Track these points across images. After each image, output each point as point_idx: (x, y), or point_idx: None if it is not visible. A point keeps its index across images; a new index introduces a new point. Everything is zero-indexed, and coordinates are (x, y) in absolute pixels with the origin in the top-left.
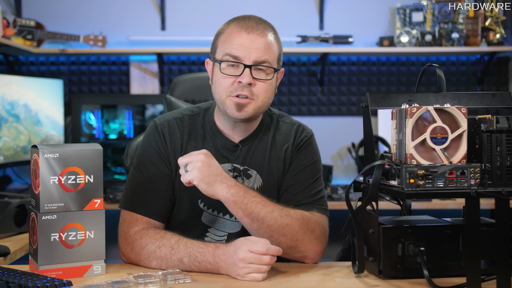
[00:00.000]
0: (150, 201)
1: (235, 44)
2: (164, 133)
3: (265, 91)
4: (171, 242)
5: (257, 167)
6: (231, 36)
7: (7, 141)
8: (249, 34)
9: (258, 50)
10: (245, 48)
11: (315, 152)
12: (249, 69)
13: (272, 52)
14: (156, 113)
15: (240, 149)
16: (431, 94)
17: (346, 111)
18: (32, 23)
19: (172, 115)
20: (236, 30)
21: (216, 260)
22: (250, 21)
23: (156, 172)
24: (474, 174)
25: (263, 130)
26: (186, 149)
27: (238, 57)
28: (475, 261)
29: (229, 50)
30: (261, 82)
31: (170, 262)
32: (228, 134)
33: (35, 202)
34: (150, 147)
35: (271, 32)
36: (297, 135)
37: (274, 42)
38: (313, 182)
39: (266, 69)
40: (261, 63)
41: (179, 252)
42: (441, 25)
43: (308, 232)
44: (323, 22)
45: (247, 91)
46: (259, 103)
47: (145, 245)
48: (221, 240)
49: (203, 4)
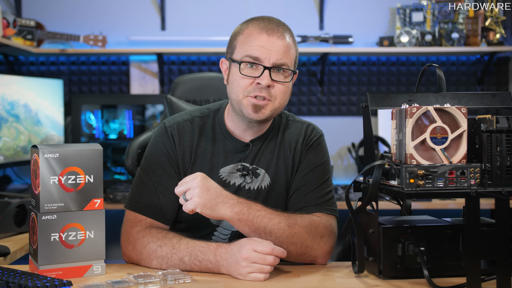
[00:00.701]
0: (155, 204)
1: (255, 45)
2: (174, 135)
3: (282, 93)
4: (173, 241)
5: (266, 166)
6: (251, 37)
7: (7, 141)
8: (269, 36)
9: (278, 52)
10: (265, 49)
11: (325, 153)
12: (268, 71)
13: (291, 54)
14: (156, 113)
15: (251, 149)
16: (431, 94)
17: (346, 111)
18: (32, 23)
19: (181, 117)
20: (256, 31)
21: (217, 258)
22: (271, 23)
23: (163, 175)
24: (474, 174)
25: (274, 130)
26: (197, 151)
27: (258, 58)
28: (475, 261)
29: (249, 51)
30: (279, 84)
31: (171, 261)
32: (239, 135)
33: (35, 202)
34: (158, 149)
35: (290, 34)
36: (307, 134)
37: (292, 45)
38: (323, 183)
39: (285, 71)
40: (280, 66)
41: (180, 251)
42: (441, 25)
43: (317, 238)
44: (323, 22)
45: (265, 92)
46: (276, 105)
47: (146, 244)
48: (225, 239)
49: (203, 4)
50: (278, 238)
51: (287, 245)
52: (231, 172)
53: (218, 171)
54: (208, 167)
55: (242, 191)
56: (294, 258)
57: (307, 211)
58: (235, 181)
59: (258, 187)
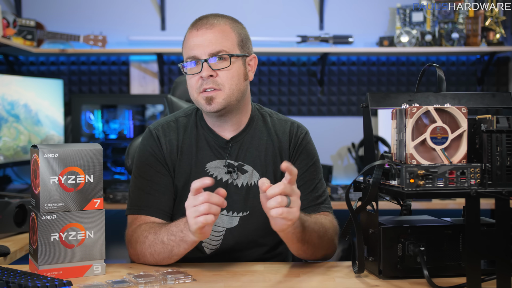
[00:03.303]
0: (151, 201)
1: (190, 45)
2: (159, 135)
3: (229, 79)
4: (156, 229)
5: (253, 163)
6: (187, 39)
7: (7, 141)
8: (198, 31)
9: (209, 42)
10: (198, 45)
11: (315, 150)
12: (206, 63)
13: (229, 39)
14: (156, 113)
15: (232, 146)
16: (431, 94)
17: (346, 111)
18: (32, 23)
19: (166, 119)
20: (189, 32)
21: (185, 226)
22: (202, 19)
23: (155, 174)
24: (474, 174)
25: (254, 126)
26: (182, 147)
27: (195, 56)
28: (475, 261)
29: (188, 52)
30: (222, 71)
31: (156, 247)
32: (218, 131)
33: (35, 202)
34: (145, 152)
35: (224, 22)
36: (294, 133)
37: (229, 30)
38: (319, 182)
39: (224, 57)
40: (217, 54)
41: (160, 234)
42: (441, 25)
43: (332, 246)
44: (323, 22)
45: (211, 83)
46: (227, 91)
47: (137, 238)
48: (219, 236)
49: (203, 4)
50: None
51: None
52: (217, 167)
53: (204, 165)
54: (194, 161)
55: (231, 188)
56: (309, 255)
57: (310, 211)
58: (222, 176)
59: (248, 183)
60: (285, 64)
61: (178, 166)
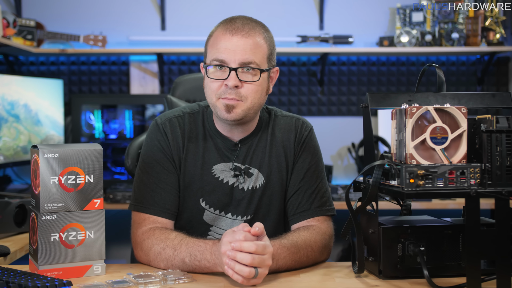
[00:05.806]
0: (157, 200)
1: (220, 47)
2: (166, 131)
3: (253, 92)
4: (174, 243)
5: (258, 165)
6: (217, 40)
7: (7, 141)
8: (233, 36)
9: (243, 52)
10: (230, 51)
11: (318, 148)
12: (234, 72)
13: (260, 52)
14: (156, 113)
15: (240, 148)
16: (431, 94)
17: (346, 111)
18: (32, 23)
19: (173, 113)
20: (221, 33)
21: (213, 257)
22: (236, 22)
23: (162, 171)
24: (474, 174)
25: (263, 128)
26: (188, 147)
27: (223, 60)
28: (475, 261)
29: (216, 54)
30: (249, 84)
31: (174, 263)
32: (226, 134)
33: (35, 202)
34: (153, 146)
35: (259, 31)
36: (298, 129)
37: (262, 41)
38: (321, 181)
39: (253, 70)
40: (247, 65)
41: (181, 253)
42: (441, 25)
43: (318, 255)
44: (323, 22)
45: (234, 93)
46: (248, 104)
47: (151, 246)
48: None
49: (203, 4)
50: (288, 268)
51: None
52: (224, 170)
53: (211, 168)
54: (200, 163)
55: (236, 191)
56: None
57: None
58: (228, 179)
59: (253, 186)
60: (285, 64)
61: (184, 165)
